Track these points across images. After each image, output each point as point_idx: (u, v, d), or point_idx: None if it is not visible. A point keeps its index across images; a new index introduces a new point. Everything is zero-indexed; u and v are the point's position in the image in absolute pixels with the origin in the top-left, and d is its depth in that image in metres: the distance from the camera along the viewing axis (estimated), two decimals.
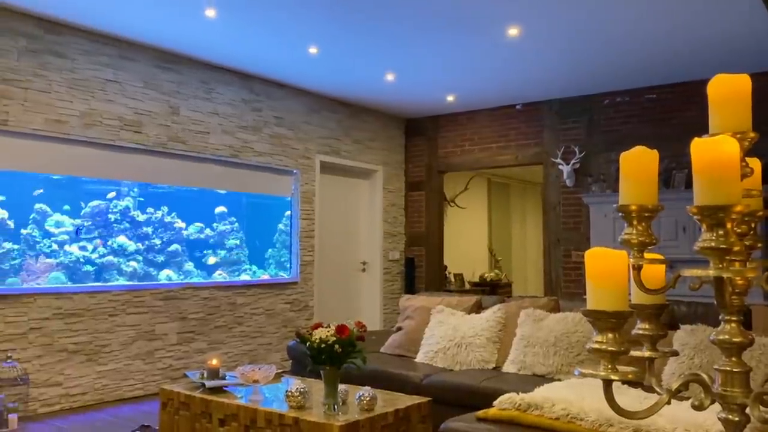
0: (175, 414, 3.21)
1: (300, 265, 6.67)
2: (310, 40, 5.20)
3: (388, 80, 6.35)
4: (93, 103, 5.03)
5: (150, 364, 5.32)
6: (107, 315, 5.06)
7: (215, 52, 5.54)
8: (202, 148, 5.80)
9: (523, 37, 5.09)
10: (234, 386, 3.24)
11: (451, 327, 4.19)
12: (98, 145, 5.11)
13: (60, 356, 4.76)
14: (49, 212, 5.06)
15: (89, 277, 5.16)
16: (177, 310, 5.54)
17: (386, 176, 7.83)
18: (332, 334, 2.80)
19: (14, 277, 4.77)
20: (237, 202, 6.42)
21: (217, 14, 4.65)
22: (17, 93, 4.60)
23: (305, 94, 6.82)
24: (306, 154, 6.82)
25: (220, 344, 5.86)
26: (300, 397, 2.80)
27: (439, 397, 3.55)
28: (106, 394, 5.02)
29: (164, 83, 5.53)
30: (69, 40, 4.90)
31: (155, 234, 5.68)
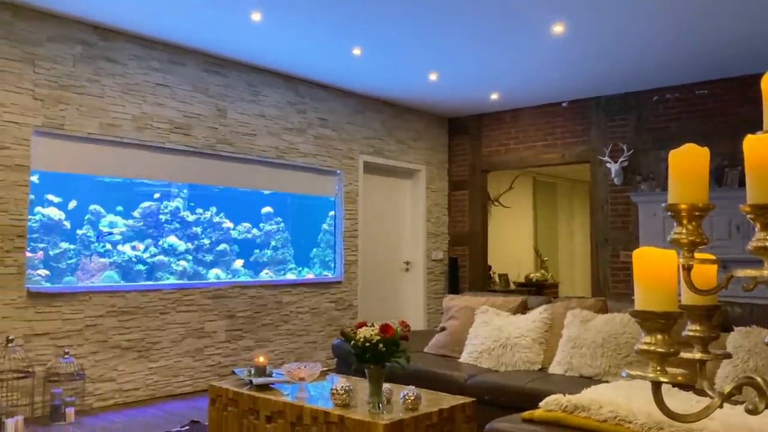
0: (224, 410, 3.28)
1: (344, 264, 6.72)
2: (354, 41, 5.24)
3: (431, 80, 6.35)
4: (144, 107, 5.18)
5: (199, 361, 5.45)
6: (158, 313, 5.20)
7: (261, 55, 5.63)
8: (248, 149, 5.91)
9: (569, 34, 5.01)
10: (280, 383, 3.29)
11: (495, 327, 4.16)
12: (149, 148, 5.26)
13: (114, 353, 4.92)
14: (102, 213, 5.24)
15: (141, 276, 5.31)
16: (225, 308, 5.66)
17: (429, 176, 7.83)
18: (376, 333, 2.82)
19: (71, 276, 4.95)
20: (282, 202, 6.51)
21: (263, 17, 4.73)
22: (73, 98, 4.78)
23: (349, 95, 6.87)
24: (349, 154, 6.87)
25: (267, 342, 5.96)
26: (345, 395, 2.82)
27: (483, 397, 3.53)
28: (158, 390, 5.17)
29: (212, 86, 5.65)
30: (121, 46, 5.06)
31: (204, 234, 5.82)
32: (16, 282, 4.45)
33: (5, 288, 4.39)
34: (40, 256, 4.80)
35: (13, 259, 4.44)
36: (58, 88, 4.70)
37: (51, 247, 4.87)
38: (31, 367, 4.42)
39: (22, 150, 4.50)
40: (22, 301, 4.47)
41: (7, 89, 4.45)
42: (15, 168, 4.47)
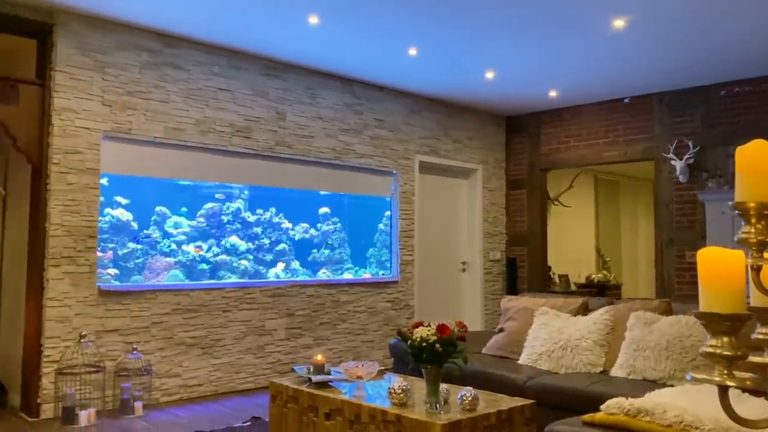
0: (284, 407, 3.35)
1: (400, 264, 6.74)
2: (410, 41, 5.25)
3: (487, 78, 6.29)
4: (207, 111, 5.34)
5: (260, 358, 5.57)
6: (221, 311, 5.35)
7: (318, 58, 5.71)
8: (306, 151, 6.01)
9: (630, 28, 4.87)
10: (338, 381, 3.33)
11: (555, 329, 4.09)
12: (212, 151, 5.42)
13: (179, 349, 5.09)
14: (168, 214, 5.43)
15: (204, 275, 5.48)
16: (285, 306, 5.76)
17: (486, 175, 7.75)
18: (433, 333, 2.82)
19: (138, 275, 5.16)
20: (339, 202, 6.59)
21: (320, 21, 4.80)
22: (140, 104, 4.97)
23: (405, 96, 6.89)
24: (405, 154, 6.88)
25: (325, 340, 6.04)
26: (402, 395, 2.84)
27: (542, 400, 3.47)
28: (220, 386, 5.31)
29: (271, 90, 5.77)
30: (185, 52, 5.23)
31: (264, 234, 5.95)
32: (88, 280, 4.66)
33: (78, 286, 4.61)
34: (110, 255, 5.01)
35: (85, 259, 4.65)
36: (125, 94, 4.90)
37: (120, 247, 5.08)
38: (102, 362, 4.63)
39: (92, 154, 4.72)
40: (94, 299, 4.68)
41: (79, 96, 4.66)
42: (86, 171, 4.69)
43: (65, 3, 4.48)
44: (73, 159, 4.63)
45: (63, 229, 4.56)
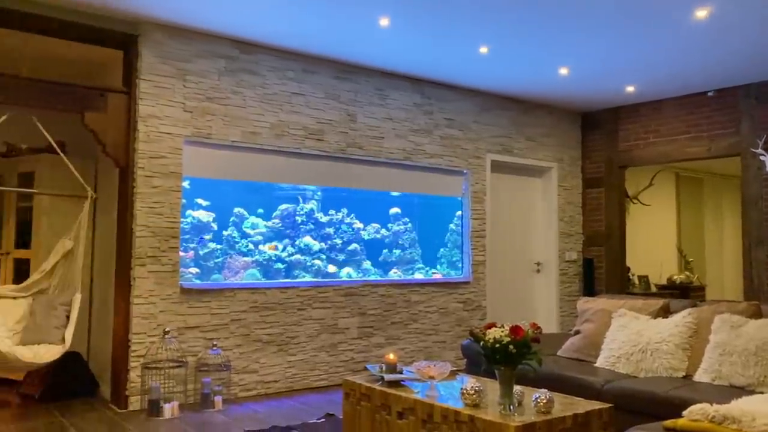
0: (357, 405, 3.39)
1: (472, 264, 6.69)
2: (480, 40, 5.21)
3: (561, 74, 6.15)
4: (281, 115, 5.48)
5: (333, 356, 5.67)
6: (296, 309, 5.48)
7: (388, 59, 5.76)
8: (377, 152, 6.06)
9: (713, 18, 4.65)
10: (410, 381, 3.35)
11: (634, 332, 3.96)
12: (286, 153, 5.56)
13: (256, 346, 5.25)
14: (246, 215, 5.61)
15: (280, 274, 5.62)
16: (357, 305, 5.84)
17: (561, 173, 7.58)
18: (506, 335, 2.79)
19: (218, 274, 5.35)
20: (410, 203, 6.61)
21: (390, 23, 4.83)
22: (218, 109, 5.16)
23: (476, 94, 6.83)
24: (476, 153, 6.82)
25: (397, 340, 6.08)
26: (475, 396, 2.82)
27: (620, 404, 3.37)
28: (296, 383, 5.44)
29: (343, 93, 5.86)
30: (260, 58, 5.38)
31: (336, 234, 6.04)
32: (171, 279, 4.88)
33: (162, 284, 4.83)
34: (191, 255, 5.23)
35: (168, 258, 4.87)
36: (205, 100, 5.09)
37: (200, 247, 5.29)
38: (184, 357, 4.83)
39: (175, 158, 4.93)
40: (176, 297, 4.89)
41: (162, 103, 4.89)
42: (169, 175, 4.91)
43: (149, 15, 4.71)
44: (157, 163, 4.85)
45: (148, 230, 4.80)
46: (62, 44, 4.85)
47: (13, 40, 4.73)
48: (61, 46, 4.93)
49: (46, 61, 5.25)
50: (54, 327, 4.42)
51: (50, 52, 5.13)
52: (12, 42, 4.79)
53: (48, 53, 5.14)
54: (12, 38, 4.69)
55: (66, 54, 5.18)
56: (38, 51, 5.07)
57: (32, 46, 4.91)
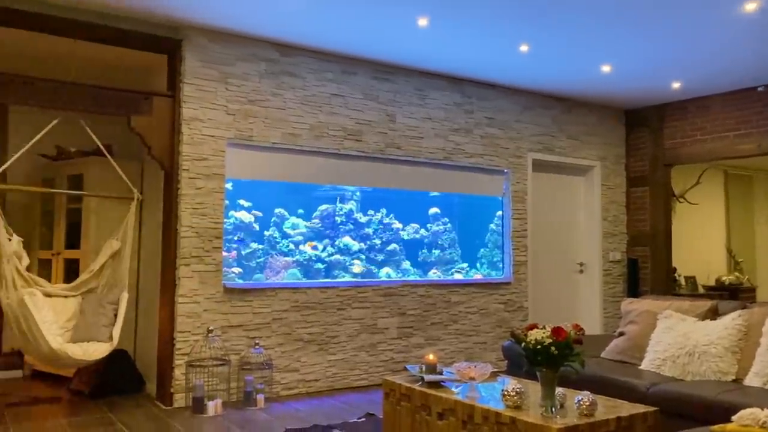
0: (397, 405, 3.40)
1: (513, 265, 6.62)
2: (520, 38, 5.15)
3: (604, 72, 6.04)
4: (321, 117, 5.53)
5: (373, 356, 5.68)
6: (336, 308, 5.51)
7: (427, 59, 5.74)
8: (416, 152, 6.06)
9: (763, 12, 4.50)
10: (450, 382, 3.34)
11: (681, 334, 3.86)
12: (325, 154, 5.60)
13: (297, 345, 5.30)
14: (286, 216, 5.67)
15: (320, 274, 5.67)
16: (396, 306, 5.84)
17: (604, 172, 7.44)
18: (548, 336, 2.75)
19: (259, 274, 5.43)
20: (449, 202, 6.58)
21: (429, 22, 4.82)
22: (259, 111, 5.23)
23: (516, 93, 6.76)
24: (517, 153, 6.75)
25: (437, 340, 6.06)
26: (516, 397, 2.79)
27: (666, 408, 3.29)
28: (336, 382, 5.48)
29: (381, 93, 5.87)
30: (300, 60, 5.44)
31: (375, 234, 6.06)
32: (215, 278, 4.97)
33: (206, 284, 4.92)
34: (234, 255, 5.31)
35: (212, 258, 4.96)
36: (246, 103, 5.17)
37: (243, 247, 5.37)
38: (227, 355, 4.92)
39: (218, 160, 5.02)
40: (220, 296, 4.98)
41: (205, 106, 4.99)
42: (212, 177, 5.00)
43: (192, 20, 4.81)
44: (201, 165, 4.95)
45: (192, 231, 4.89)
46: (109, 50, 4.99)
47: (63, 47, 4.89)
48: (108, 52, 5.08)
49: (94, 66, 5.42)
50: (102, 325, 4.55)
51: (97, 58, 5.29)
52: (61, 49, 4.96)
53: (95, 59, 5.30)
54: (61, 45, 4.86)
55: (112, 59, 5.33)
56: (86, 57, 5.23)
57: (80, 53, 5.07)
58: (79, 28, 4.62)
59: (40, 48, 5.06)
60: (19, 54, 5.16)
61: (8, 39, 4.88)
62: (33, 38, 4.76)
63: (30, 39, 4.80)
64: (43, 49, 5.07)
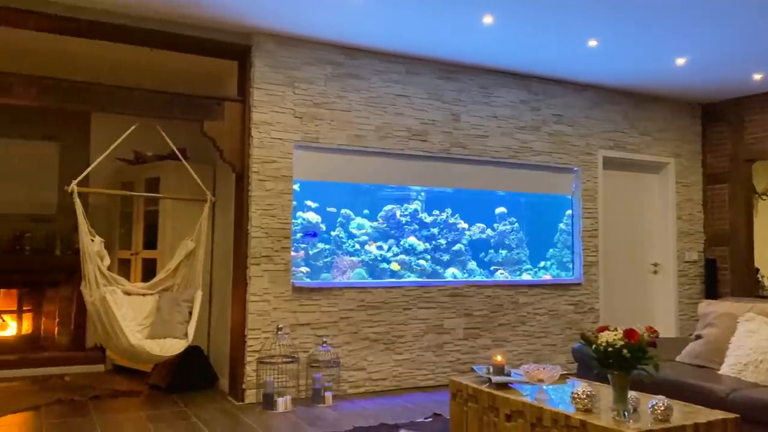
0: (464, 405, 3.38)
1: (583, 265, 6.46)
2: (589, 33, 5.03)
3: (678, 65, 5.81)
4: (385, 117, 5.56)
5: (440, 356, 5.67)
6: (401, 308, 5.53)
7: (493, 57, 5.68)
8: (481, 151, 6.00)
9: None
10: (519, 383, 3.29)
11: (765, 337, 3.67)
12: (390, 155, 5.63)
13: (364, 344, 5.35)
14: (352, 216, 5.74)
15: (385, 274, 5.70)
16: (462, 306, 5.81)
17: (679, 169, 7.15)
18: (620, 338, 2.68)
19: (326, 273, 5.51)
20: (516, 202, 6.48)
21: (494, 20, 4.77)
22: (325, 114, 5.32)
23: (585, 88, 6.59)
24: (587, 150, 6.58)
25: (504, 342, 5.98)
26: (587, 400, 2.73)
27: (748, 415, 3.14)
28: (402, 381, 5.49)
29: (446, 93, 5.85)
30: (364, 62, 5.49)
31: (440, 234, 6.04)
32: (284, 278, 5.08)
33: (275, 283, 5.04)
34: (302, 255, 5.42)
35: (281, 258, 5.08)
36: (313, 106, 5.27)
37: (310, 248, 5.47)
38: (296, 353, 5.02)
39: (286, 162, 5.14)
40: (289, 295, 5.09)
41: (274, 110, 5.11)
42: (281, 178, 5.12)
43: (262, 26, 4.94)
44: (270, 167, 5.07)
45: (262, 231, 5.02)
46: (183, 58, 5.19)
47: (140, 56, 5.12)
48: (182, 60, 5.28)
49: (169, 74, 5.64)
50: (178, 322, 4.73)
51: (172, 66, 5.50)
52: (139, 58, 5.19)
53: (170, 67, 5.52)
54: (139, 54, 5.08)
55: (186, 67, 5.54)
56: (162, 65, 5.46)
57: (156, 61, 5.30)
58: (155, 37, 4.82)
59: (118, 57, 5.31)
60: (100, 63, 5.43)
61: (89, 49, 5.15)
62: (112, 48, 5.01)
63: (109, 49, 5.05)
64: (122, 58, 5.32)
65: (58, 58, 5.31)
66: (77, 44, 4.95)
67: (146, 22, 4.75)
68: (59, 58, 5.32)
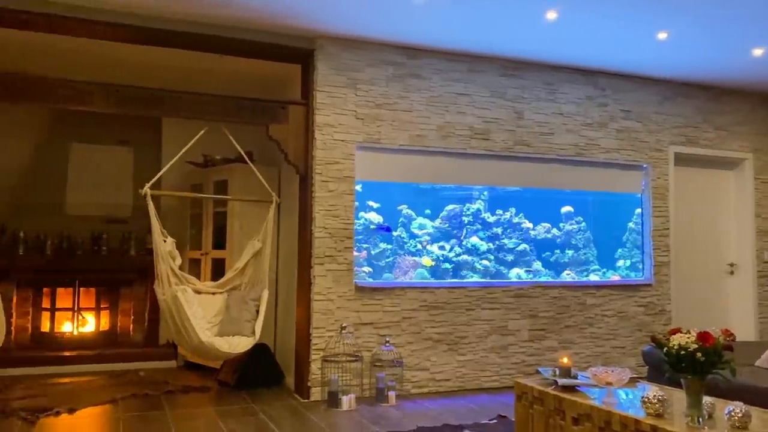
0: (530, 408, 3.33)
1: (653, 266, 6.24)
2: (658, 25, 4.85)
3: (755, 55, 5.53)
4: (447, 117, 5.54)
5: (504, 358, 5.60)
6: (464, 309, 5.49)
7: (557, 52, 5.57)
8: (546, 149, 5.89)
9: None
10: (586, 386, 3.21)
11: None
12: (452, 155, 5.60)
13: (426, 344, 5.35)
14: (413, 216, 5.74)
15: (448, 274, 5.68)
16: (527, 307, 5.71)
17: (758, 165, 6.81)
18: (693, 341, 2.57)
19: (389, 273, 5.54)
20: (583, 201, 6.33)
21: (558, 15, 4.67)
22: (387, 115, 5.34)
23: (655, 83, 6.37)
24: (658, 146, 6.35)
25: (571, 344, 5.85)
26: (658, 405, 2.64)
27: None
28: (466, 382, 5.45)
29: (509, 90, 5.77)
30: (425, 62, 5.48)
31: (504, 234, 5.97)
32: (347, 277, 5.13)
33: (339, 282, 5.10)
34: (364, 255, 5.46)
35: (344, 258, 5.13)
36: (374, 107, 5.30)
37: (372, 248, 5.51)
38: (359, 352, 5.06)
39: (348, 163, 5.19)
40: (351, 294, 5.14)
41: (336, 112, 5.17)
42: (344, 179, 5.18)
43: (325, 30, 5.01)
44: (333, 169, 5.14)
45: (325, 232, 5.10)
46: (249, 63, 5.33)
47: (207, 62, 5.28)
48: (248, 65, 5.42)
49: (235, 79, 5.80)
50: (246, 320, 4.86)
51: (239, 71, 5.66)
52: (206, 64, 5.36)
53: (237, 72, 5.68)
54: (206, 60, 5.25)
55: (251, 71, 5.68)
56: (228, 70, 5.62)
57: (223, 67, 5.46)
58: (223, 44, 4.97)
59: (187, 64, 5.50)
60: (169, 70, 5.64)
61: (158, 57, 5.36)
62: (180, 55, 5.19)
63: (178, 56, 5.23)
64: (190, 65, 5.51)
65: (131, 67, 5.55)
66: (150, 53, 5.16)
67: (214, 29, 4.90)
68: (132, 67, 5.56)
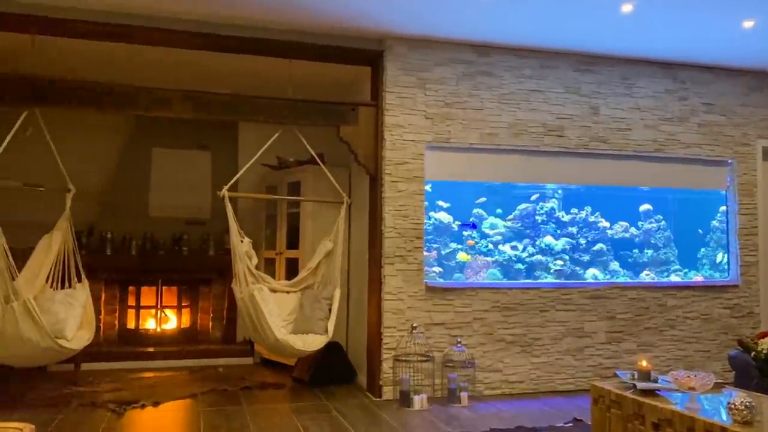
0: (607, 411, 3.23)
1: (740, 266, 5.92)
2: (743, 13, 4.61)
3: None
4: (519, 114, 5.45)
5: (580, 360, 5.46)
6: (538, 310, 5.39)
7: (633, 46, 5.38)
8: (623, 145, 5.70)
9: None
10: (666, 391, 3.09)
11: None
12: (524, 152, 5.51)
13: (499, 345, 5.28)
14: (485, 216, 5.69)
15: (521, 275, 5.59)
16: (604, 309, 5.55)
17: None
18: None
19: (459, 273, 5.50)
20: (663, 198, 6.09)
21: (634, 7, 4.52)
22: (457, 113, 5.31)
23: (740, 74, 6.05)
24: (744, 140, 6.03)
25: (651, 346, 5.63)
26: (745, 412, 2.51)
27: None
28: (540, 385, 5.35)
29: (584, 85, 5.63)
30: (496, 59, 5.42)
31: (580, 233, 5.82)
32: (417, 277, 5.14)
33: (409, 282, 5.11)
34: (434, 255, 5.45)
35: (413, 257, 5.14)
36: (444, 106, 5.28)
37: (443, 247, 5.49)
38: (431, 352, 5.06)
39: (417, 164, 5.20)
40: (422, 294, 5.14)
41: (406, 113, 5.19)
42: (413, 179, 5.18)
43: (394, 31, 5.04)
44: (402, 169, 5.16)
45: (395, 232, 5.12)
46: (319, 66, 5.43)
47: (280, 67, 5.41)
48: (319, 68, 5.52)
49: (306, 82, 5.92)
50: (319, 319, 4.94)
51: (309, 74, 5.77)
52: (279, 69, 5.49)
53: (308, 75, 5.79)
54: (279, 65, 5.38)
55: (322, 74, 5.78)
56: (299, 74, 5.73)
57: (295, 71, 5.57)
58: (293, 48, 5.08)
59: (261, 70, 5.66)
60: (244, 76, 5.82)
61: (232, 64, 5.54)
62: (254, 61, 5.34)
63: (252, 62, 5.39)
64: (264, 70, 5.66)
65: (208, 74, 5.77)
66: (222, 59, 5.34)
67: (286, 34, 5.02)
68: (209, 74, 5.77)
